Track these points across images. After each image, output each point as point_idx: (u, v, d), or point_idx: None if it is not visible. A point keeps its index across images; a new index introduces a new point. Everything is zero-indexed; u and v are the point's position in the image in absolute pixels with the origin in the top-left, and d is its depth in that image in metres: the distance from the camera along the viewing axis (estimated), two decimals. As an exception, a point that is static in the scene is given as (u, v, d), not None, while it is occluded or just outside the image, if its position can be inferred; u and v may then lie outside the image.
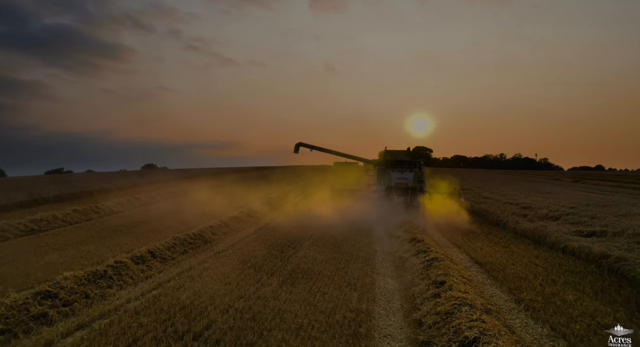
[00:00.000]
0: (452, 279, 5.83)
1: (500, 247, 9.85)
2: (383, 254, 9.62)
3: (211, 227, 12.06)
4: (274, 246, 10.53)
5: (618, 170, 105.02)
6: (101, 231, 12.60)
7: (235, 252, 9.82)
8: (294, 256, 9.41)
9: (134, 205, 18.15)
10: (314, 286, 7.03)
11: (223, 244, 11.04)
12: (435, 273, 6.30)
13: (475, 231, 12.45)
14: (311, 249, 10.22)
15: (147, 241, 11.17)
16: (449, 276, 6.02)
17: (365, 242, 11.11)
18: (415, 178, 17.69)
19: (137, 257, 8.29)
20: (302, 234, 12.48)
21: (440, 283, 5.82)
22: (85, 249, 10.13)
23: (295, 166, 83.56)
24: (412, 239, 9.46)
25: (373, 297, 6.41)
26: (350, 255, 9.47)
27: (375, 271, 7.99)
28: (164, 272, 8.16)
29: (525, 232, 11.21)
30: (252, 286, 7.08)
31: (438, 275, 6.16)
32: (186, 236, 10.60)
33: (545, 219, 13.01)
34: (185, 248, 9.98)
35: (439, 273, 6.22)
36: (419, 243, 8.96)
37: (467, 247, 9.95)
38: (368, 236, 12.29)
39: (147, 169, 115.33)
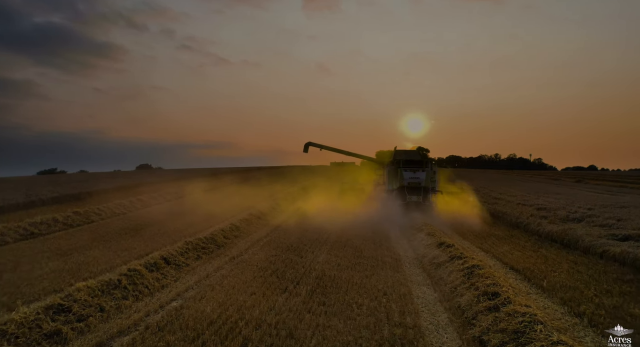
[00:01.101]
0: (504, 290, 5.34)
1: (530, 252, 9.41)
2: (409, 259, 9.13)
3: (222, 231, 11.49)
4: (292, 250, 10.00)
5: (610, 171, 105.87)
6: (105, 235, 11.97)
7: (251, 258, 9.27)
8: (315, 261, 8.89)
9: (136, 207, 17.49)
10: (347, 295, 6.51)
11: (236, 248, 10.48)
12: (483, 283, 5.81)
13: (496, 234, 12.01)
14: (331, 253, 9.70)
15: (156, 244, 10.59)
16: (500, 286, 5.53)
17: (386, 246, 10.62)
18: (427, 178, 17.46)
19: (151, 264, 7.70)
20: (317, 237, 11.96)
21: (493, 294, 5.33)
22: (91, 254, 9.51)
23: (292, 166, 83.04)
24: (441, 244, 8.97)
25: (415, 309, 5.90)
26: (374, 260, 8.96)
27: (407, 279, 7.48)
28: (180, 280, 7.59)
29: (552, 235, 10.78)
30: (279, 296, 6.54)
31: (487, 285, 5.66)
32: (198, 240, 10.02)
33: (567, 221, 12.61)
34: (199, 253, 9.41)
35: (487, 283, 5.72)
36: (450, 248, 8.47)
37: (495, 252, 9.49)
38: (386, 238, 11.80)
39: (141, 169, 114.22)
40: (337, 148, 21.34)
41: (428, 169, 17.71)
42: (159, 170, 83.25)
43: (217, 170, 56.04)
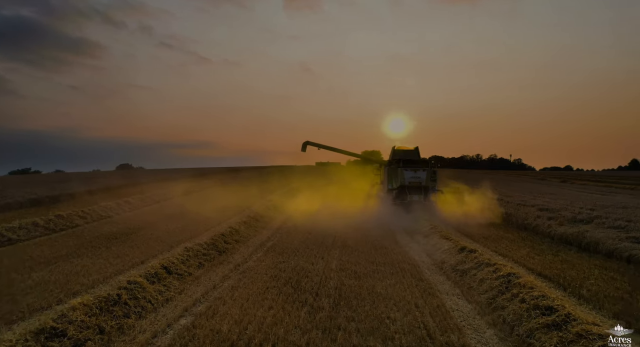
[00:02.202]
0: (559, 304, 4.84)
1: (550, 256, 9.03)
2: (427, 265, 8.61)
3: (222, 235, 10.72)
4: (299, 256, 9.35)
5: (585, 171, 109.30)
6: (93, 240, 11.02)
7: (258, 265, 8.57)
8: (328, 269, 8.26)
9: (123, 209, 16.44)
10: (375, 309, 5.91)
11: (239, 254, 9.75)
12: (529, 294, 5.30)
13: (507, 236, 11.64)
14: (342, 259, 9.10)
15: (150, 250, 9.76)
16: (551, 299, 5.03)
17: (397, 250, 10.08)
18: (428, 177, 17.33)
19: (152, 274, 6.92)
20: (322, 240, 11.34)
21: (547, 309, 4.82)
22: (80, 262, 8.62)
23: (278, 166, 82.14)
24: (462, 249, 8.48)
25: (455, 325, 5.35)
26: (391, 267, 8.40)
27: (433, 288, 6.94)
28: (185, 292, 6.84)
29: (566, 238, 10.47)
30: (300, 310, 5.89)
31: (535, 297, 5.15)
32: (199, 246, 9.25)
33: (575, 222, 12.38)
34: (200, 260, 8.64)
35: (535, 294, 5.22)
36: (473, 254, 7.98)
37: (514, 256, 9.07)
38: (394, 241, 11.27)
39: (122, 169, 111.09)
40: (335, 147, 20.86)
41: (428, 169, 17.65)
42: (140, 171, 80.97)
43: (203, 171, 54.72)
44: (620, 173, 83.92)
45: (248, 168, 71.57)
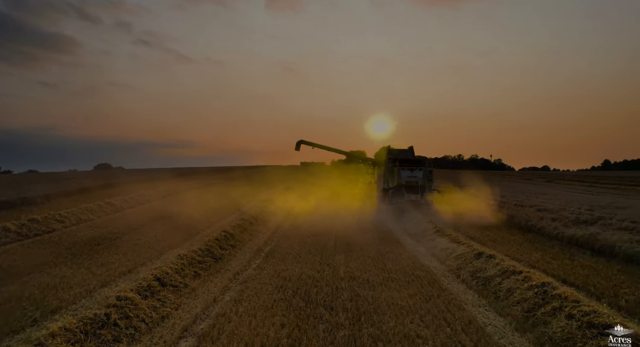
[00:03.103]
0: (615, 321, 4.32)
1: (566, 260, 8.61)
2: (441, 272, 8.04)
3: (217, 240, 9.91)
4: (302, 262, 8.66)
5: (561, 171, 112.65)
6: (72, 246, 10.01)
7: (259, 273, 7.83)
8: (336, 277, 7.60)
9: (105, 211, 15.31)
10: (401, 325, 5.27)
11: (237, 261, 8.97)
12: (577, 309, 4.74)
13: (513, 239, 11.23)
14: (349, 265, 8.45)
15: (139, 258, 8.88)
16: (606, 316, 4.51)
17: (405, 255, 9.49)
18: (425, 176, 17.38)
19: (144, 287, 6.09)
20: (323, 243, 10.69)
21: (606, 327, 4.28)
22: (58, 273, 7.67)
23: (264, 166, 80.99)
24: (480, 254, 7.94)
25: (495, 343, 4.78)
26: (404, 274, 7.80)
27: (458, 299, 6.37)
28: (182, 307, 6.05)
29: (576, 240, 10.12)
30: (317, 327, 5.21)
31: (585, 313, 4.62)
32: (193, 253, 8.42)
33: (579, 224, 12.10)
34: (196, 269, 7.83)
35: (585, 310, 4.68)
36: (493, 260, 7.45)
37: (528, 260, 8.60)
38: (399, 244, 10.68)
39: (101, 169, 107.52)
40: (329, 146, 20.39)
41: (425, 168, 17.62)
42: (120, 171, 78.40)
43: (187, 171, 53.18)
44: (595, 173, 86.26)
45: (232, 168, 70.16)
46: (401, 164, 17.70)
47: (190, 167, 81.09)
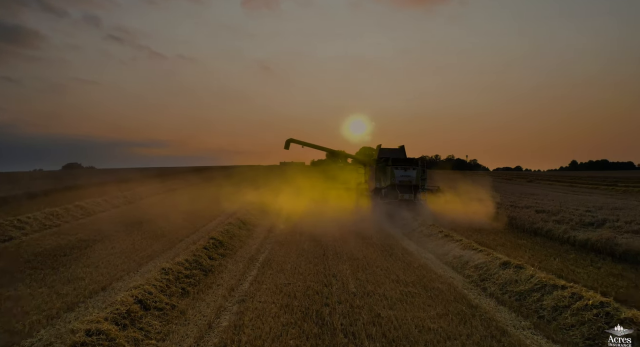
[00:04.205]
0: None
1: (591, 268, 7.97)
2: (462, 284, 7.22)
3: (205, 248, 8.76)
4: (304, 273, 7.67)
5: (533, 171, 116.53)
6: (32, 258, 8.61)
7: (258, 289, 6.77)
8: (347, 291, 6.65)
9: (74, 215, 13.73)
10: (443, 355, 4.37)
11: (229, 273, 7.86)
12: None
13: (522, 243, 10.60)
14: (359, 277, 7.51)
15: (114, 271, 7.64)
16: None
17: (416, 264, 8.62)
18: (418, 176, 17.15)
19: (121, 314, 4.93)
20: (322, 250, 9.74)
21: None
22: (12, 294, 6.37)
23: (244, 166, 79.24)
24: (506, 264, 7.15)
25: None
26: (423, 287, 6.93)
27: (496, 319, 5.52)
28: (171, 338, 4.93)
29: (591, 245, 9.56)
30: (343, 363, 4.23)
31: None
32: (178, 266, 7.25)
33: (586, 226, 11.67)
34: (183, 285, 6.69)
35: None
36: (523, 271, 6.68)
37: (551, 268, 7.90)
38: (404, 250, 9.82)
39: (70, 168, 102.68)
40: (319, 145, 19.53)
41: (418, 168, 17.35)
42: (92, 170, 74.84)
43: (164, 171, 50.92)
44: (565, 173, 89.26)
45: (210, 168, 68.07)
46: (394, 164, 17.35)
47: (166, 167, 78.32)
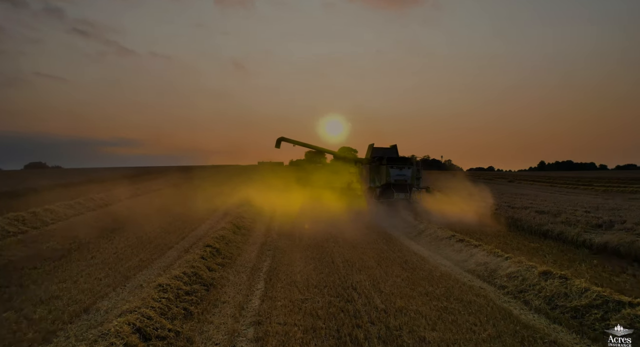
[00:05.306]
0: None
1: (627, 276, 7.45)
2: (498, 296, 6.53)
3: (203, 259, 7.72)
4: (319, 286, 6.81)
5: (504, 171, 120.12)
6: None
7: (273, 307, 5.85)
8: (375, 308, 5.83)
9: (43, 220, 12.22)
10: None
11: (233, 287, 6.88)
12: None
13: (536, 246, 10.11)
14: (382, 289, 6.71)
15: (97, 287, 6.52)
16: None
17: (437, 273, 7.90)
18: (413, 175, 17.19)
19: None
20: (330, 257, 8.91)
21: None
22: (-27, 320, 5.17)
23: (223, 166, 77.13)
24: (546, 274, 6.50)
25: None
26: (457, 301, 6.20)
27: (559, 341, 4.85)
28: (181, 378, 3.95)
29: (611, 249, 9.14)
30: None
31: None
32: (177, 281, 6.22)
33: (594, 227, 11.37)
34: (185, 305, 5.68)
35: None
36: (570, 282, 6.06)
37: (584, 278, 7.40)
38: (418, 256, 9.13)
39: (34, 168, 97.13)
40: (310, 144, 18.76)
41: (413, 167, 17.40)
42: (59, 170, 70.91)
43: (139, 170, 48.52)
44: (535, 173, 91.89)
45: (189, 168, 65.70)
46: (389, 163, 17.18)
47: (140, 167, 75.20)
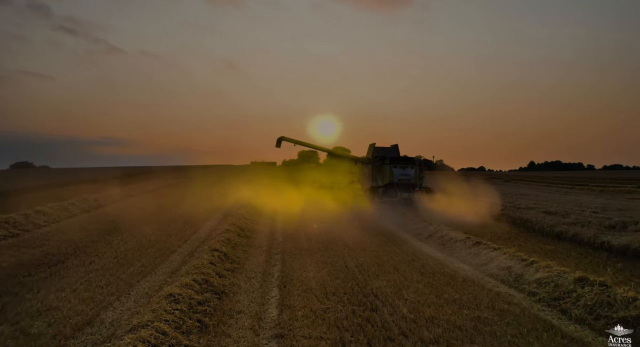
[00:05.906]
0: None
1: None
2: (530, 304, 6.14)
3: (211, 264, 7.25)
4: (337, 294, 6.40)
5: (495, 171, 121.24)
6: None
7: (293, 318, 5.41)
8: (404, 319, 5.42)
9: (35, 223, 11.56)
10: None
11: (247, 295, 6.42)
12: None
13: (553, 249, 9.80)
14: (406, 297, 6.31)
15: (98, 296, 6.01)
16: None
17: (459, 278, 7.50)
18: (416, 174, 17.24)
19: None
20: (343, 261, 8.54)
21: None
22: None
23: (214, 166, 76.33)
24: (582, 279, 6.12)
25: None
26: (489, 310, 5.82)
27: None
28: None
29: (633, 252, 8.88)
30: None
31: None
32: (188, 290, 5.75)
33: (608, 229, 11.16)
34: (199, 316, 5.21)
35: None
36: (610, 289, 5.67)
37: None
38: (435, 260, 8.77)
39: (20, 168, 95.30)
40: (311, 144, 18.49)
41: (416, 166, 17.47)
42: (47, 170, 69.45)
43: (132, 170, 47.54)
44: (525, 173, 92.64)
45: (183, 168, 64.78)
46: (392, 162, 17.13)
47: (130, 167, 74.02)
